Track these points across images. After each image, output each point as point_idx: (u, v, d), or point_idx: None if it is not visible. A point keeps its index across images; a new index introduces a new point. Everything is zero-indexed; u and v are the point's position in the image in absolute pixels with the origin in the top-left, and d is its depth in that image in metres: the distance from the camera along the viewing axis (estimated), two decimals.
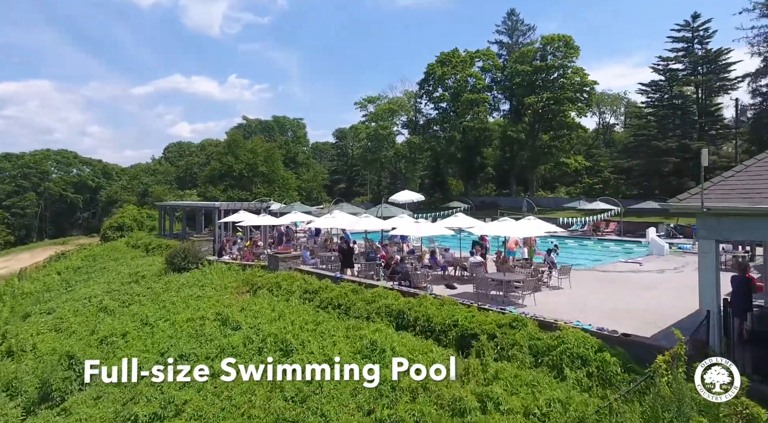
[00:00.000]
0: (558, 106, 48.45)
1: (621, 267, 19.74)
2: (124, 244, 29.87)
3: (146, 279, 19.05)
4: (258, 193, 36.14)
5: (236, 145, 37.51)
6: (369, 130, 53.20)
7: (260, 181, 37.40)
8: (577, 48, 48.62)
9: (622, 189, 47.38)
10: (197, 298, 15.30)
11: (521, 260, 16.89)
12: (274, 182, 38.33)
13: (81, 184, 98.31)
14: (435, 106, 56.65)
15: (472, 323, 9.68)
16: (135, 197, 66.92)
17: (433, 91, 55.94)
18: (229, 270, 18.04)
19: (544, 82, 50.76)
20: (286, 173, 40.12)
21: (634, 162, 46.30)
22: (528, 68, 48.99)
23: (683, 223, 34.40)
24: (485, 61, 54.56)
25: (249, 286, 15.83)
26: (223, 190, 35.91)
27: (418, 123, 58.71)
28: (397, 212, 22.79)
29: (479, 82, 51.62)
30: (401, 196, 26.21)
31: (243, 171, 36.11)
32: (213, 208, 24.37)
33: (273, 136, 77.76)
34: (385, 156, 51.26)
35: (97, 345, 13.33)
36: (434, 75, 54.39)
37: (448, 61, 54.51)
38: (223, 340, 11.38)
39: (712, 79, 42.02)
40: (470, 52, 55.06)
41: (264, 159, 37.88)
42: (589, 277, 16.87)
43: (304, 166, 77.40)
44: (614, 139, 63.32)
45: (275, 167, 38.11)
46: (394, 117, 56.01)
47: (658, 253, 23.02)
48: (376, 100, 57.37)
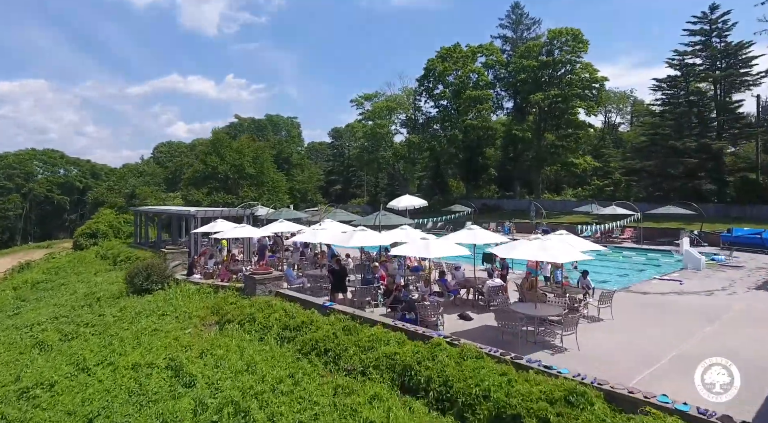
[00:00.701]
0: (566, 104, 45.69)
1: (659, 286, 16.92)
2: (94, 254, 26.84)
3: (102, 302, 16.07)
4: (245, 197, 33.24)
5: (221, 144, 34.56)
6: (366, 128, 50.29)
7: (248, 184, 34.46)
8: (586, 42, 45.90)
9: (634, 191, 44.68)
10: (152, 332, 12.37)
11: (553, 284, 13.92)
12: (264, 185, 35.40)
13: (68, 185, 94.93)
14: (435, 104, 53.91)
15: (512, 396, 6.80)
16: (122, 199, 63.89)
17: (433, 88, 53.16)
18: (199, 293, 15.09)
19: (550, 78, 48.04)
20: (276, 175, 37.16)
21: (646, 163, 43.58)
22: (534, 63, 46.21)
23: (707, 229, 31.70)
24: (488, 56, 51.77)
25: (218, 316, 12.92)
26: (207, 193, 32.96)
27: (418, 121, 55.88)
28: (397, 221, 19.90)
29: (482, 78, 48.82)
30: (401, 202, 23.29)
31: (228, 173, 33.17)
32: (187, 216, 21.42)
33: (266, 135, 74.78)
34: (383, 156, 48.40)
35: (15, 399, 10.39)
36: (434, 71, 51.61)
37: (449, 56, 51.75)
38: (169, 404, 8.48)
39: (733, 74, 39.35)
40: (472, 47, 52.28)
41: (252, 160, 34.94)
42: (628, 301, 14.04)
43: (299, 167, 74.46)
44: (621, 139, 60.65)
45: (264, 168, 35.18)
46: (392, 115, 53.15)
47: (694, 267, 20.24)
48: (373, 98, 54.49)
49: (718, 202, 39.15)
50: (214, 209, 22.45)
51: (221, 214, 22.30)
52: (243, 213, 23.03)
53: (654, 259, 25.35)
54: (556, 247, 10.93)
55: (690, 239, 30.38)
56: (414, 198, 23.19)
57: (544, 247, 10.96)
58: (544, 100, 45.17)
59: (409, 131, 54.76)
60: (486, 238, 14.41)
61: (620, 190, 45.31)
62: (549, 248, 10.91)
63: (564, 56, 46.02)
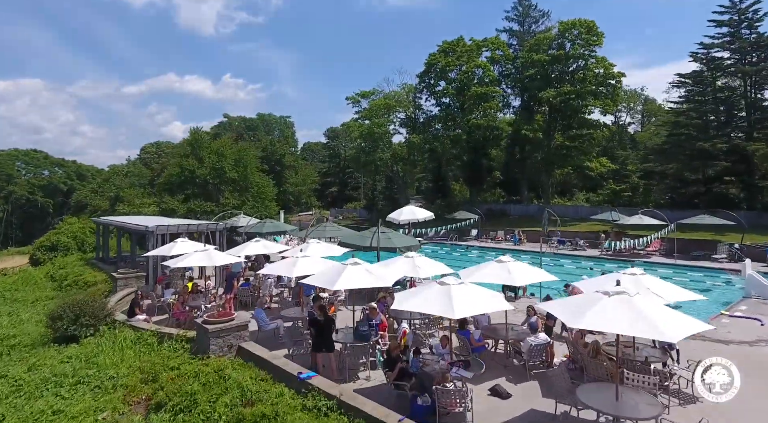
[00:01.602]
0: (579, 102, 42.08)
1: (734, 328, 13.26)
2: (44, 273, 23.01)
3: (13, 354, 12.30)
4: (226, 205, 29.53)
5: (199, 145, 30.79)
6: (362, 128, 46.57)
7: (230, 190, 30.70)
8: (601, 35, 42.30)
9: (654, 196, 41.14)
10: (51, 416, 8.61)
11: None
12: (247, 190, 31.66)
13: (51, 187, 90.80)
14: (437, 102, 50.22)
15: None
16: (107, 202, 59.91)
17: (435, 84, 49.47)
18: (137, 344, 11.34)
19: (561, 74, 44.44)
20: (262, 179, 33.39)
21: (667, 165, 40.05)
22: (544, 58, 42.56)
23: (748, 242, 28.12)
24: (494, 50, 48.10)
25: (151, 388, 9.19)
26: (183, 200, 29.17)
27: (418, 121, 52.18)
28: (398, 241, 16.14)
29: (488, 73, 45.17)
30: (402, 215, 19.50)
31: (207, 177, 29.40)
32: (145, 232, 17.64)
33: (257, 135, 70.99)
34: (381, 158, 44.73)
35: None
36: (436, 66, 47.93)
37: (452, 50, 48.09)
38: None
39: (765, 68, 35.80)
40: (477, 41, 48.62)
41: (234, 162, 31.19)
42: (704, 351, 10.37)
43: (292, 168, 70.69)
44: (634, 139, 57.15)
45: (248, 172, 31.42)
46: (390, 114, 49.47)
47: (761, 296, 16.61)
48: (370, 95, 50.76)
49: (748, 210, 35.59)
50: (178, 223, 18.63)
51: (187, 229, 18.52)
52: (215, 227, 19.26)
53: (698, 281, 21.73)
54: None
55: (729, 253, 26.86)
56: (417, 209, 19.45)
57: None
58: (555, 98, 41.52)
59: (408, 131, 51.08)
60: (527, 275, 10.75)
61: (638, 195, 41.79)
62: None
63: (577, 50, 42.39)
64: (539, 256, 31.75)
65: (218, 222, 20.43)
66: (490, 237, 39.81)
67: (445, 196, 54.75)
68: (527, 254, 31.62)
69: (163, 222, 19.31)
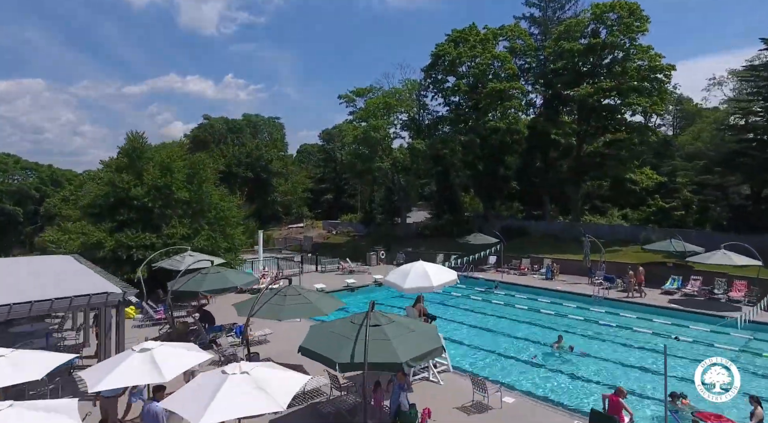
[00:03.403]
0: (621, 99, 34.68)
1: None
2: None
3: None
4: (173, 235, 22.22)
5: (138, 155, 23.42)
6: (357, 131, 39.12)
7: (179, 215, 23.31)
8: (646, 19, 34.87)
9: (714, 216, 33.70)
10: None
11: None
12: (204, 215, 24.24)
13: (22, 194, 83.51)
14: (445, 101, 42.82)
15: None
16: (78, 212, 52.40)
17: (443, 80, 42.14)
18: None
19: (593, 67, 37.08)
20: (226, 200, 25.77)
21: (730, 178, 32.71)
22: (578, 47, 35.14)
23: None
24: (513, 40, 40.66)
25: None
26: (111, 231, 21.76)
27: (423, 123, 44.78)
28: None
29: (508, 66, 37.73)
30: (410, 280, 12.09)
31: (147, 200, 22.00)
32: None
33: (242, 138, 63.65)
34: (379, 168, 37.39)
35: None
36: (445, 58, 40.56)
37: (464, 40, 40.73)
38: None
39: None
40: (492, 28, 41.22)
41: (186, 178, 23.86)
42: None
43: (280, 175, 63.38)
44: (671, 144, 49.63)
45: (203, 191, 23.98)
46: (390, 114, 42.10)
47: None
48: (366, 93, 43.31)
49: None
50: (26, 302, 11.20)
51: (51, 306, 11.18)
52: (118, 297, 11.90)
53: None
54: None
55: None
56: (432, 269, 11.97)
57: None
58: (592, 96, 34.08)
59: (412, 134, 43.63)
60: None
61: (692, 214, 34.36)
62: None
63: (616, 38, 34.96)
64: (589, 303, 24.38)
65: (127, 288, 13.03)
66: (512, 266, 32.37)
67: (454, 209, 47.36)
68: (569, 299, 24.15)
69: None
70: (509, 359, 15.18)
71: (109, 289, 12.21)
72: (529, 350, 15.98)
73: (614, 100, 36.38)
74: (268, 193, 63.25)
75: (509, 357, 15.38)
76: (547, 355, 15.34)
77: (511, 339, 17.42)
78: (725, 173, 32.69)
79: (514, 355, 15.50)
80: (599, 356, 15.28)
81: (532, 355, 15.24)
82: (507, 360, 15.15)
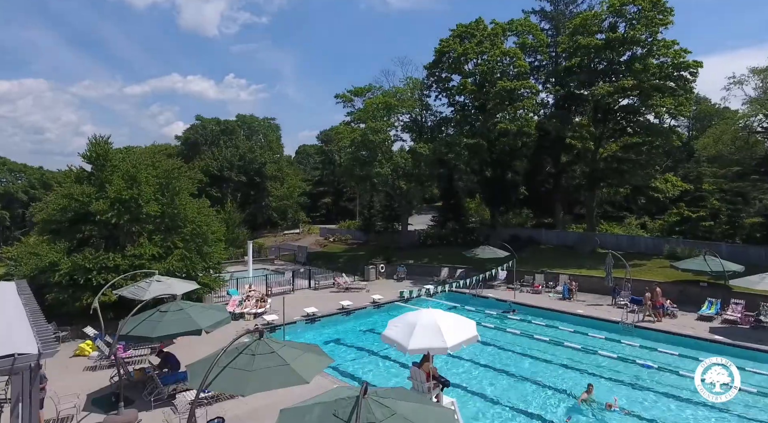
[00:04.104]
0: (642, 100, 31.74)
1: None
2: None
3: None
4: (141, 255, 19.32)
5: (102, 164, 20.50)
6: (355, 134, 36.17)
7: (148, 230, 20.37)
8: (670, 11, 31.92)
9: (748, 228, 30.68)
10: None
11: None
12: (178, 231, 21.28)
13: (9, 197, 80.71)
14: (450, 101, 39.88)
15: None
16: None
17: (447, 78, 39.22)
18: None
19: (610, 64, 34.13)
20: (204, 214, 22.73)
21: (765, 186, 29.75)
22: (596, 42, 32.19)
23: None
24: (523, 35, 37.69)
25: None
26: (68, 250, 18.80)
27: (426, 125, 41.84)
28: None
29: (518, 63, 34.77)
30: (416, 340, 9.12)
31: (109, 215, 19.04)
32: None
33: (234, 140, 60.74)
34: (378, 174, 34.49)
35: None
36: (449, 55, 37.65)
37: (470, 35, 37.81)
38: None
39: None
40: (501, 23, 38.25)
41: (159, 189, 20.95)
42: None
43: (276, 179, 60.51)
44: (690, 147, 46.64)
45: (177, 204, 21.00)
46: (391, 115, 39.19)
47: None
48: (365, 92, 40.36)
49: None
50: None
51: None
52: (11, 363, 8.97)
53: None
54: None
55: None
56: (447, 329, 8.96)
57: None
58: (612, 95, 31.13)
59: (414, 137, 40.65)
60: None
61: (720, 224, 31.34)
62: None
63: (637, 32, 31.99)
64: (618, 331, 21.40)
65: None
66: (524, 282, 29.47)
67: (458, 216, 44.44)
68: (594, 326, 21.21)
69: None
70: (535, 421, 12.27)
71: (21, 348, 9.34)
72: (556, 405, 13.07)
73: (633, 100, 33.51)
74: (263, 197, 60.41)
75: (533, 416, 12.45)
76: (576, 411, 12.44)
77: (534, 386, 14.50)
78: (761, 180, 29.75)
79: (540, 414, 12.59)
80: (646, 417, 12.36)
81: (566, 416, 12.30)
82: (532, 421, 12.25)
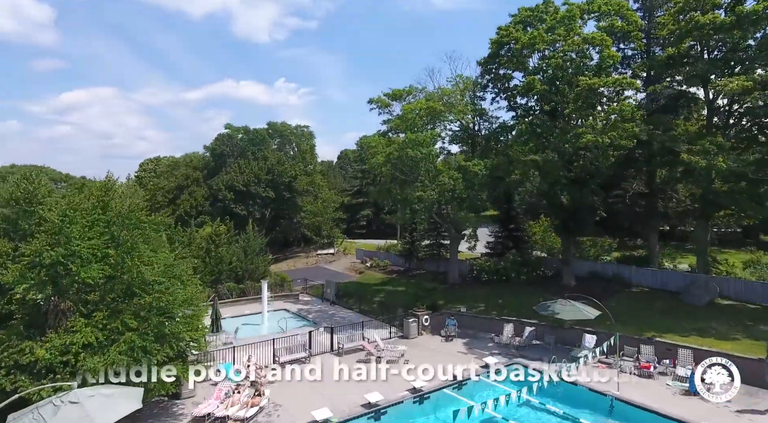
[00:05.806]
0: None
1: None
2: None
3: None
4: (72, 343, 13.19)
5: (26, 212, 14.49)
6: (390, 149, 28.93)
7: (89, 306, 14.08)
8: None
9: None
10: None
11: None
12: (139, 299, 14.93)
13: None
14: (510, 104, 31.83)
15: None
16: None
17: (507, 76, 31.26)
18: None
19: (734, 51, 25.06)
20: (175, 275, 16.34)
21: None
22: (725, 20, 23.30)
23: None
24: (611, 18, 28.99)
25: None
26: None
27: (479, 134, 34.02)
28: None
29: (607, 53, 26.33)
30: None
31: (21, 289, 12.90)
32: None
33: (263, 150, 55.31)
34: (421, 198, 27.27)
35: None
36: (510, 46, 29.76)
37: (536, 19, 29.81)
38: None
39: None
40: (577, 3, 29.77)
41: (108, 241, 14.69)
42: None
43: (308, 193, 54.60)
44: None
45: (135, 264, 14.59)
46: (436, 123, 31.77)
47: None
48: (405, 96, 33.04)
49: None
50: None
51: None
52: None
53: None
54: None
55: None
56: None
57: None
58: (750, 92, 22.19)
59: (465, 151, 32.92)
60: None
61: None
62: None
63: None
64: None
65: None
66: (625, 356, 21.09)
67: (519, 246, 36.32)
68: None
69: None
70: None
71: None
72: None
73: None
74: (294, 213, 54.69)
75: None
76: None
77: None
78: None
79: None
80: None
81: None
82: None
